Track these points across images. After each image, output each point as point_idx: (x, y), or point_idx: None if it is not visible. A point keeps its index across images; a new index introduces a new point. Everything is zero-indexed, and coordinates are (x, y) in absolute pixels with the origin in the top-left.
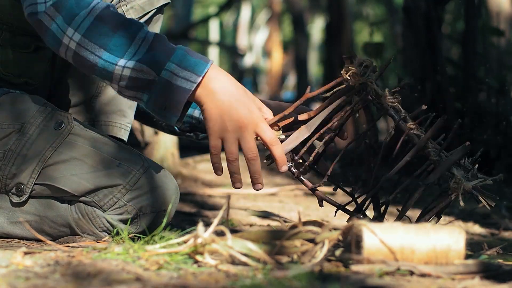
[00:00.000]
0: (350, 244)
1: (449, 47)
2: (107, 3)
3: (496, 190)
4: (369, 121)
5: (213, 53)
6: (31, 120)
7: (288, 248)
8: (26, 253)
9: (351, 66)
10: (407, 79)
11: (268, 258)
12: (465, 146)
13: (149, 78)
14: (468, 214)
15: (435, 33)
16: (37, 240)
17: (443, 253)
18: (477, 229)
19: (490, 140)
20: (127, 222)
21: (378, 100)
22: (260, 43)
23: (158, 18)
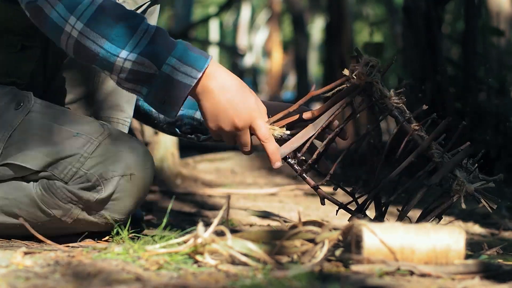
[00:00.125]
0: (350, 244)
1: (449, 47)
2: None
3: (496, 190)
4: (373, 121)
5: (213, 53)
6: None
7: (288, 248)
8: (26, 253)
9: (357, 66)
10: (407, 79)
11: (268, 258)
12: (468, 148)
13: (150, 72)
14: (468, 214)
15: (435, 33)
16: (33, 238)
17: (443, 253)
18: (477, 229)
19: (490, 140)
20: (92, 189)
21: (383, 101)
22: (260, 43)
23: (154, 10)
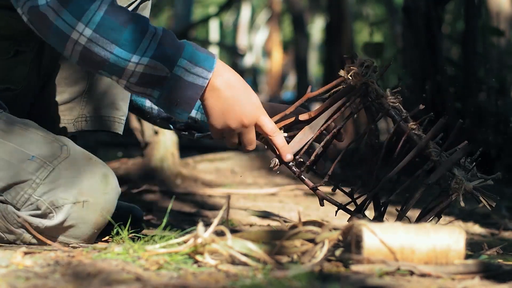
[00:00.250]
0: (350, 244)
1: (449, 47)
2: None
3: (496, 190)
4: (370, 122)
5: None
6: None
7: (288, 248)
8: (26, 253)
9: (352, 66)
10: (407, 79)
11: (268, 258)
12: (466, 146)
13: (162, 75)
14: (468, 214)
15: (435, 33)
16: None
17: (443, 253)
18: (477, 229)
19: (490, 140)
20: (43, 217)
21: (379, 101)
22: (260, 43)
23: (146, 6)
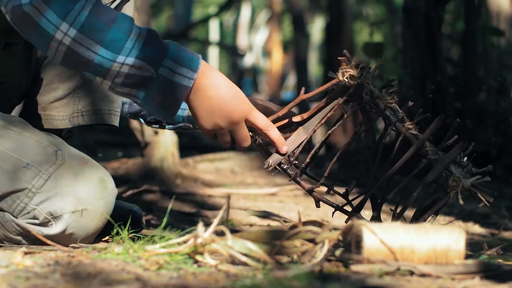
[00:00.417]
0: (350, 244)
1: (449, 47)
2: None
3: (496, 190)
4: (366, 122)
5: (213, 53)
6: None
7: (288, 248)
8: (26, 253)
9: (348, 68)
10: (407, 79)
11: (268, 258)
12: (462, 144)
13: (147, 75)
14: (468, 214)
15: (435, 33)
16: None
17: (443, 253)
18: (477, 229)
19: (490, 140)
20: (43, 225)
21: (375, 101)
22: (260, 43)
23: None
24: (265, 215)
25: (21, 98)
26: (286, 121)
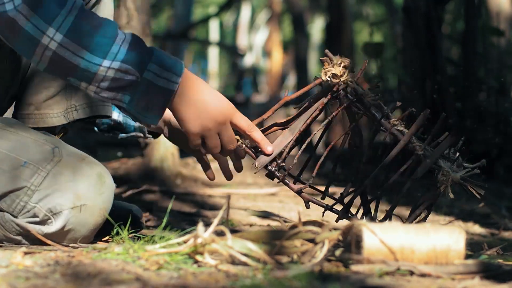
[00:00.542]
0: (350, 244)
1: (449, 47)
2: (81, 1)
3: (496, 190)
4: (351, 121)
5: (213, 53)
6: None
7: (288, 248)
8: (26, 253)
9: (330, 67)
10: (407, 79)
11: (268, 258)
12: (450, 138)
13: (132, 79)
14: (468, 214)
15: (435, 33)
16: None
17: (443, 253)
18: (477, 229)
19: (490, 140)
20: (42, 223)
21: (359, 99)
22: (260, 43)
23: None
24: (265, 215)
25: (11, 101)
26: (271, 124)
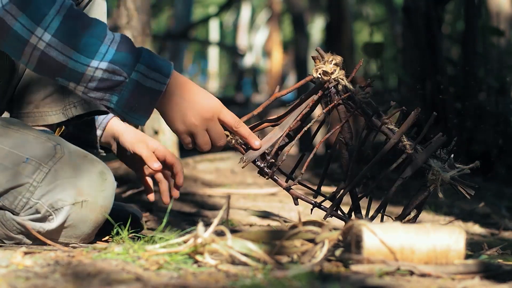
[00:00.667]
0: (350, 244)
1: (449, 47)
2: (71, 1)
3: (496, 190)
4: (342, 119)
5: (213, 53)
6: None
7: (288, 248)
8: (26, 253)
9: (321, 64)
10: (407, 79)
11: (268, 258)
12: (441, 138)
13: (120, 80)
14: (468, 214)
15: (435, 33)
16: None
17: (443, 253)
18: (477, 229)
19: (490, 140)
20: (43, 220)
21: (350, 97)
22: (260, 43)
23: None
24: (265, 215)
25: (9, 101)
26: (262, 121)
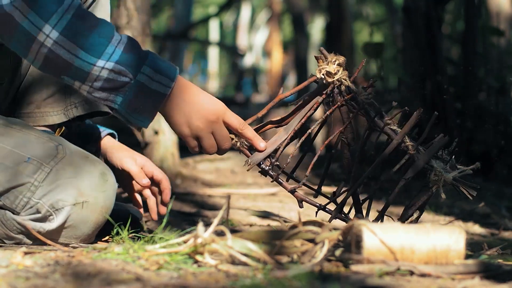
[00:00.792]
0: (350, 244)
1: (449, 47)
2: (79, 1)
3: (496, 190)
4: (345, 119)
5: (213, 53)
6: None
7: (288, 248)
8: (26, 253)
9: (324, 65)
10: (407, 79)
11: (268, 258)
12: (443, 138)
13: (125, 80)
14: (468, 214)
15: (435, 33)
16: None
17: (443, 253)
18: (477, 229)
19: (490, 140)
20: (44, 220)
21: (353, 97)
22: (260, 43)
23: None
24: (265, 215)
25: (11, 102)
26: (266, 122)
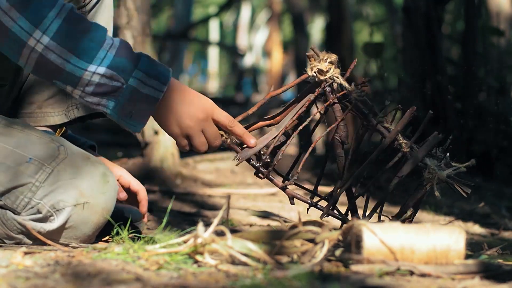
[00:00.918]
0: (350, 244)
1: (449, 47)
2: (71, 4)
3: (496, 190)
4: (337, 117)
5: (213, 53)
6: None
7: (288, 248)
8: (26, 253)
9: (316, 62)
10: (407, 79)
11: (268, 258)
12: (436, 136)
13: (117, 85)
14: (468, 214)
15: (435, 33)
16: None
17: (443, 253)
18: (477, 229)
19: (490, 140)
20: (44, 220)
21: (345, 95)
22: (260, 43)
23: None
24: (265, 215)
25: (13, 102)
26: (257, 120)
